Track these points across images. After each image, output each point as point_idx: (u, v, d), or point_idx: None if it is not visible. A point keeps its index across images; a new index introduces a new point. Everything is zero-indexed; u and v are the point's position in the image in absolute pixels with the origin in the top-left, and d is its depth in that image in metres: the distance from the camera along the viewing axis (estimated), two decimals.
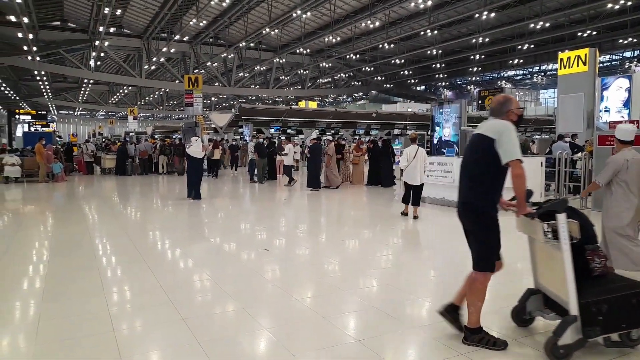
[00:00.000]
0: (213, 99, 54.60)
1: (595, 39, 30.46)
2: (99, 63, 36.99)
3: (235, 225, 8.58)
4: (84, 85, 45.51)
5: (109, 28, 28.63)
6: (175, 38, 30.58)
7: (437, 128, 15.90)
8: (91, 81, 41.54)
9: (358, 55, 38.29)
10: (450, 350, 3.13)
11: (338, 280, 4.87)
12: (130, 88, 48.23)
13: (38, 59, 30.49)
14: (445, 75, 45.23)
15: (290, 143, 19.64)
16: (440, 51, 35.12)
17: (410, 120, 35.32)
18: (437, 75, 45.36)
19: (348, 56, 37.39)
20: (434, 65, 40.54)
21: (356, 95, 56.09)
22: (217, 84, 39.98)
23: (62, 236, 7.15)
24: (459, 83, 52.47)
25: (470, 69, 42.18)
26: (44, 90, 44.04)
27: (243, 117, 30.00)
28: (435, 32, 30.13)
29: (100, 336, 3.38)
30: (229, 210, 10.40)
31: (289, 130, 34.01)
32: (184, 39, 33.45)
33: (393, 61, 37.47)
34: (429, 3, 23.94)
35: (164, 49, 32.21)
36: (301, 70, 41.42)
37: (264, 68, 39.44)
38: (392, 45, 32.90)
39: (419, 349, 3.31)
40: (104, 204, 11.14)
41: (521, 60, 38.39)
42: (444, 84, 52.05)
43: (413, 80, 49.09)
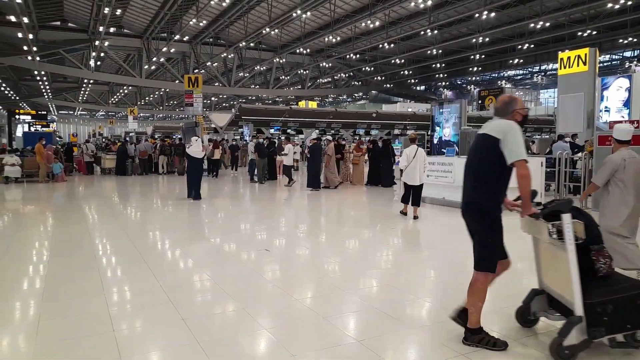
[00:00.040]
0: (213, 99, 54.59)
1: (596, 38, 30.45)
2: (99, 63, 36.98)
3: (235, 225, 8.58)
4: (84, 85, 45.51)
5: (109, 28, 28.62)
6: (175, 38, 30.57)
7: (437, 128, 15.90)
8: (91, 81, 41.54)
9: (358, 55, 38.28)
10: (451, 350, 3.13)
11: (338, 280, 4.87)
12: (130, 88, 48.23)
13: (38, 59, 30.49)
14: (445, 75, 45.22)
15: (290, 143, 19.63)
16: (440, 51, 35.11)
17: (410, 120, 35.32)
18: (437, 75, 45.35)
19: (348, 56, 37.38)
20: (434, 65, 40.54)
21: (356, 95, 56.08)
22: (217, 84, 39.97)
23: (62, 236, 7.16)
24: (459, 83, 52.46)
25: (470, 69, 42.17)
26: (44, 90, 44.03)
27: (243, 117, 30.00)
28: (435, 32, 30.11)
29: (100, 336, 3.38)
30: (229, 211, 10.40)
31: (289, 130, 34.01)
32: (184, 39, 33.44)
33: (393, 61, 37.46)
34: (429, 3, 23.90)
35: (164, 49, 32.21)
36: (301, 70, 41.41)
37: (264, 68, 39.44)
38: (392, 45, 32.88)
39: (419, 349, 3.31)
40: (104, 204, 11.14)
41: (521, 60, 38.37)
42: (444, 83, 52.03)
43: (413, 80, 49.05)
